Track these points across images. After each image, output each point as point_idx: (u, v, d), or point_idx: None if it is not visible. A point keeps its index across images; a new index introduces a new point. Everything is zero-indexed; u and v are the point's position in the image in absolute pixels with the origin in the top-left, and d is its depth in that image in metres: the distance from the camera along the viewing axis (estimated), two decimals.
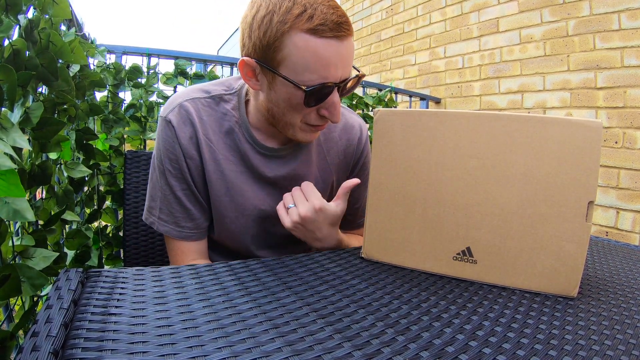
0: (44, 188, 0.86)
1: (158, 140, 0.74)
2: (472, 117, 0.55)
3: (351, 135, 0.86)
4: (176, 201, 0.75)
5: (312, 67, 0.60)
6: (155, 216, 0.76)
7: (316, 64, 0.60)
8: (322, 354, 0.34)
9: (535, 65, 2.44)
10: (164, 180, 0.74)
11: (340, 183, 0.82)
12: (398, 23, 3.59)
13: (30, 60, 0.66)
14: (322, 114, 0.67)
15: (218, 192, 0.76)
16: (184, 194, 0.75)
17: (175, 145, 0.72)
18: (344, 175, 0.87)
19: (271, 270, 0.54)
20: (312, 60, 0.59)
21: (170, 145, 0.72)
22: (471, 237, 0.56)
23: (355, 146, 0.86)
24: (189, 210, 0.75)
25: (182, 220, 0.75)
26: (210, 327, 0.37)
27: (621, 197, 2.03)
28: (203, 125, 0.73)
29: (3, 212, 0.52)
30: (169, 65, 1.55)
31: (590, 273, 0.64)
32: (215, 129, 0.74)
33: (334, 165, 0.85)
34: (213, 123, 0.74)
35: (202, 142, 0.73)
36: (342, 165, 0.86)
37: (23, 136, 0.55)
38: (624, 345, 0.40)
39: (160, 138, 0.73)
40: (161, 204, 0.75)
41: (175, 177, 0.74)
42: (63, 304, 0.37)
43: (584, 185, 0.50)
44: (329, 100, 0.65)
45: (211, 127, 0.74)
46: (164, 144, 0.73)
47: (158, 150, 0.74)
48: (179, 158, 0.72)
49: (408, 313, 0.44)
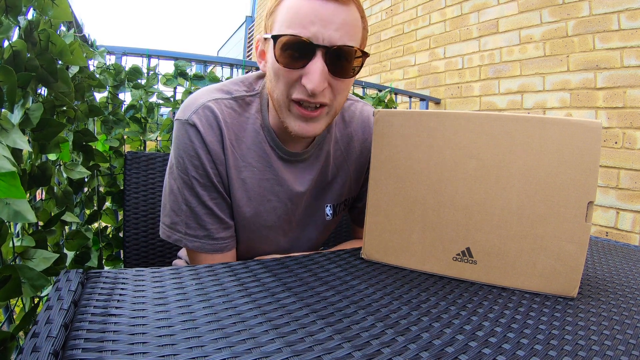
0: (43, 189, 0.86)
1: (178, 147, 0.67)
2: (472, 118, 0.55)
3: (367, 127, 0.82)
4: (207, 212, 0.68)
5: (288, 20, 0.58)
6: (182, 232, 0.69)
7: (292, 17, 0.58)
8: (322, 354, 0.34)
9: (535, 66, 2.44)
10: (191, 192, 0.67)
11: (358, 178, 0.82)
12: (398, 24, 3.60)
13: (30, 62, 0.66)
14: (302, 83, 0.60)
15: (239, 201, 0.71)
16: (214, 203, 0.69)
17: (201, 150, 0.66)
18: (362, 169, 0.83)
19: (271, 271, 0.54)
20: (289, 15, 0.58)
21: (194, 152, 0.66)
22: (471, 237, 0.56)
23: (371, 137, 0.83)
24: (222, 220, 0.70)
25: (216, 231, 0.69)
26: (211, 328, 0.37)
27: (621, 197, 2.03)
28: (228, 129, 0.68)
29: (4, 214, 0.52)
30: (169, 66, 1.55)
31: (590, 273, 0.64)
32: (238, 134, 0.69)
33: (350, 160, 0.81)
34: (237, 127, 0.69)
35: (228, 148, 0.68)
36: (359, 159, 0.82)
37: (23, 137, 0.55)
38: (624, 345, 0.40)
39: (181, 143, 0.66)
40: (187, 219, 0.68)
41: (204, 186, 0.67)
42: (63, 305, 0.37)
43: (584, 186, 0.50)
44: (310, 65, 0.59)
45: (234, 132, 0.69)
46: (186, 150, 0.66)
47: (179, 158, 0.67)
48: (207, 164, 0.66)
49: (408, 314, 0.44)
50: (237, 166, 0.70)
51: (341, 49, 0.59)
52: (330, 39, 0.58)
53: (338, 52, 0.59)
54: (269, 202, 0.73)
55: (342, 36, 0.59)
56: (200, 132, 0.65)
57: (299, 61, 0.59)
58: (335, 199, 0.81)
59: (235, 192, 0.70)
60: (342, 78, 0.63)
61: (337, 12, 0.58)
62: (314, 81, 0.59)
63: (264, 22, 0.65)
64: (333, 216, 0.82)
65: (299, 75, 0.61)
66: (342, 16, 0.58)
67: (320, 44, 0.58)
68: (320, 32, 0.57)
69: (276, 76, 0.63)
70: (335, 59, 0.60)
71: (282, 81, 0.62)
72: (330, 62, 0.60)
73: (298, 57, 0.59)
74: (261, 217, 0.73)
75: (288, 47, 0.59)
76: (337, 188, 0.80)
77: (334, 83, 0.62)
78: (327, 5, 0.57)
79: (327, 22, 0.57)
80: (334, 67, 0.60)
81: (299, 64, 0.59)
